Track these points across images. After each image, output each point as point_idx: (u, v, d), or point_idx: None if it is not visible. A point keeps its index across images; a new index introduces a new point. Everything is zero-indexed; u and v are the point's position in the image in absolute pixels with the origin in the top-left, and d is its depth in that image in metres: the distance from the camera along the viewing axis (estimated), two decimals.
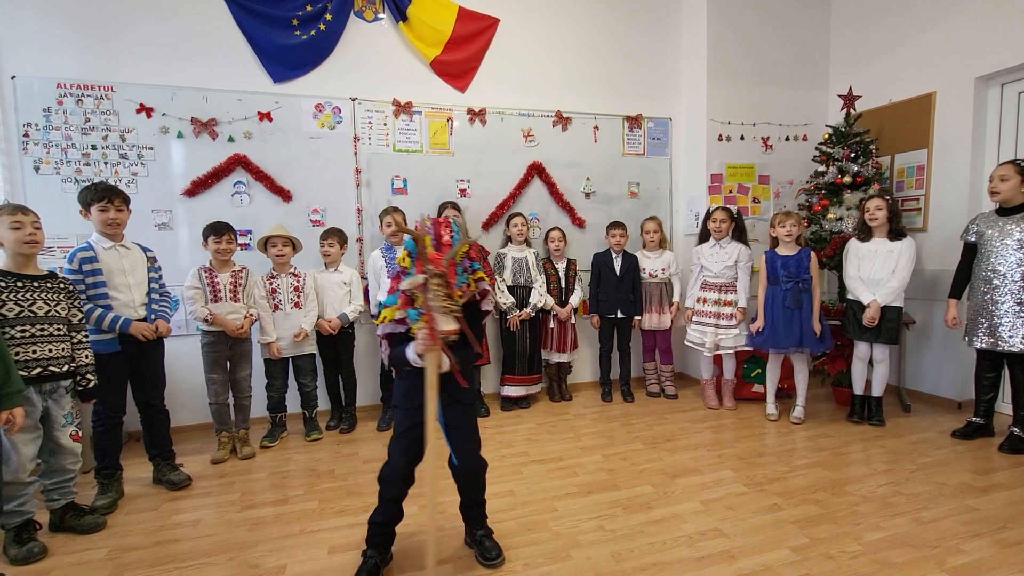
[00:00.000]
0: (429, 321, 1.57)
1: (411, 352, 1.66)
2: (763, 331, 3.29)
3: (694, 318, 3.64)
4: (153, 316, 2.52)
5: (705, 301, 3.60)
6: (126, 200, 2.49)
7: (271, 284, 3.14)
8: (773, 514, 2.21)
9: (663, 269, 3.86)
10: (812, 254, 3.29)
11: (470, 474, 1.86)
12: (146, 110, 3.25)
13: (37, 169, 3.10)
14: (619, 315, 3.81)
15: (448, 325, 1.57)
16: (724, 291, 3.57)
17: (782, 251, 3.33)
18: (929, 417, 3.38)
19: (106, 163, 3.22)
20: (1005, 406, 3.28)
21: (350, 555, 1.96)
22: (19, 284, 2.03)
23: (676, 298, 3.86)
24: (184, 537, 2.13)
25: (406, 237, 1.67)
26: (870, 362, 3.26)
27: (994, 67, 3.28)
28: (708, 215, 3.66)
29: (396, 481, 1.79)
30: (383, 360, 1.80)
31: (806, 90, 4.37)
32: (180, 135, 3.32)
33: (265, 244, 3.15)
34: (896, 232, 3.14)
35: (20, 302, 2.01)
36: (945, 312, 3.06)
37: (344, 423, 3.38)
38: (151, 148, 3.28)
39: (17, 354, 1.96)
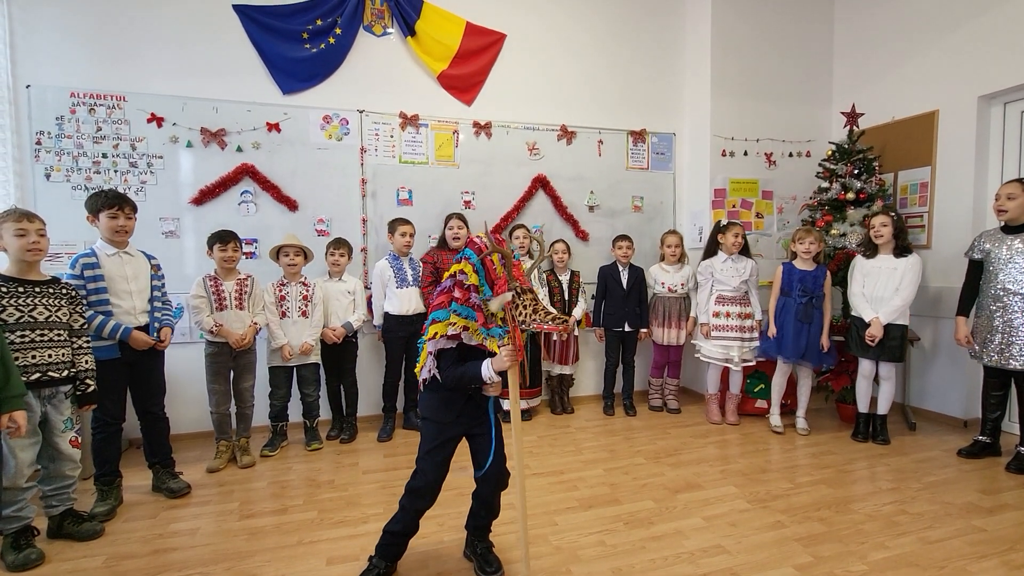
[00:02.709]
0: (517, 338, 1.61)
1: (488, 370, 1.63)
2: (774, 338, 3.34)
3: (714, 333, 3.60)
4: (157, 324, 2.53)
5: (729, 315, 3.57)
6: (135, 208, 2.52)
7: (280, 291, 3.15)
8: (777, 531, 2.18)
9: (682, 284, 3.85)
10: (828, 272, 3.35)
11: (500, 484, 1.86)
12: (157, 120, 3.30)
13: (48, 176, 3.15)
14: (626, 328, 3.80)
15: (564, 327, 1.64)
16: (743, 304, 3.56)
17: (799, 266, 3.36)
18: (934, 435, 3.34)
19: (116, 171, 3.26)
20: (1012, 425, 3.25)
21: (349, 566, 1.94)
22: (20, 289, 2.04)
23: (694, 312, 3.82)
24: (182, 546, 2.12)
25: (467, 250, 1.66)
26: (875, 379, 3.24)
27: (997, 86, 3.30)
28: (720, 230, 3.65)
29: (427, 495, 1.78)
30: (429, 377, 1.74)
31: (809, 107, 4.40)
32: (189, 144, 3.37)
33: (277, 253, 3.18)
34: (902, 249, 3.13)
35: (21, 307, 2.02)
36: (955, 331, 3.02)
37: (345, 433, 3.37)
38: (160, 157, 3.33)
39: (17, 359, 1.96)
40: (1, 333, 1.90)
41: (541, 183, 4.07)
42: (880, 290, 3.15)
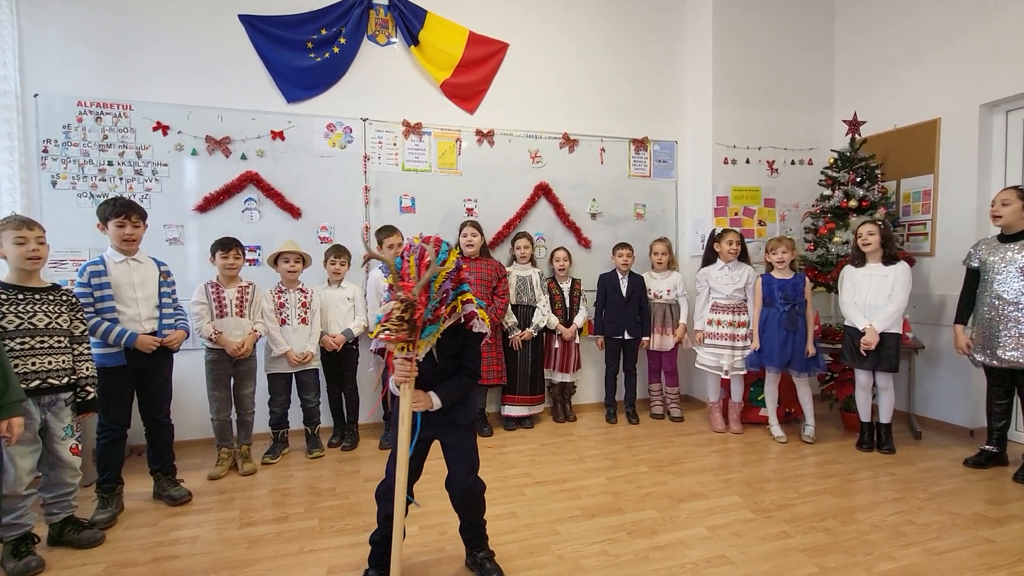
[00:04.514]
0: (411, 350, 1.57)
1: (391, 383, 1.64)
2: (759, 350, 3.36)
3: (707, 341, 3.61)
4: (168, 331, 2.54)
5: (720, 323, 3.57)
6: (143, 216, 2.53)
7: (279, 299, 3.16)
8: (781, 542, 2.16)
9: (669, 290, 3.86)
10: (807, 279, 3.37)
11: (468, 496, 1.84)
12: (162, 128, 3.33)
13: (54, 184, 3.17)
14: (626, 336, 3.80)
15: (401, 367, 1.55)
16: (736, 312, 3.56)
17: (777, 275, 3.38)
18: (940, 445, 3.32)
19: (121, 179, 3.28)
20: (1019, 434, 3.23)
21: (349, 575, 1.92)
22: (20, 296, 2.04)
23: (683, 320, 3.84)
24: (182, 554, 2.11)
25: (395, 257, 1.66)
26: (874, 388, 3.22)
27: (998, 95, 3.31)
28: (716, 237, 3.66)
29: (392, 499, 1.77)
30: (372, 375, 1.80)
31: (811, 115, 4.42)
32: (194, 152, 3.40)
33: (276, 259, 3.19)
34: (890, 257, 3.13)
35: (20, 314, 2.02)
36: (954, 339, 3.02)
37: (346, 440, 3.36)
38: (166, 165, 3.35)
39: (16, 366, 1.96)
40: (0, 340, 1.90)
41: (543, 191, 4.09)
42: (872, 298, 3.14)
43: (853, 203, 3.67)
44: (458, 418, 1.80)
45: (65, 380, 2.11)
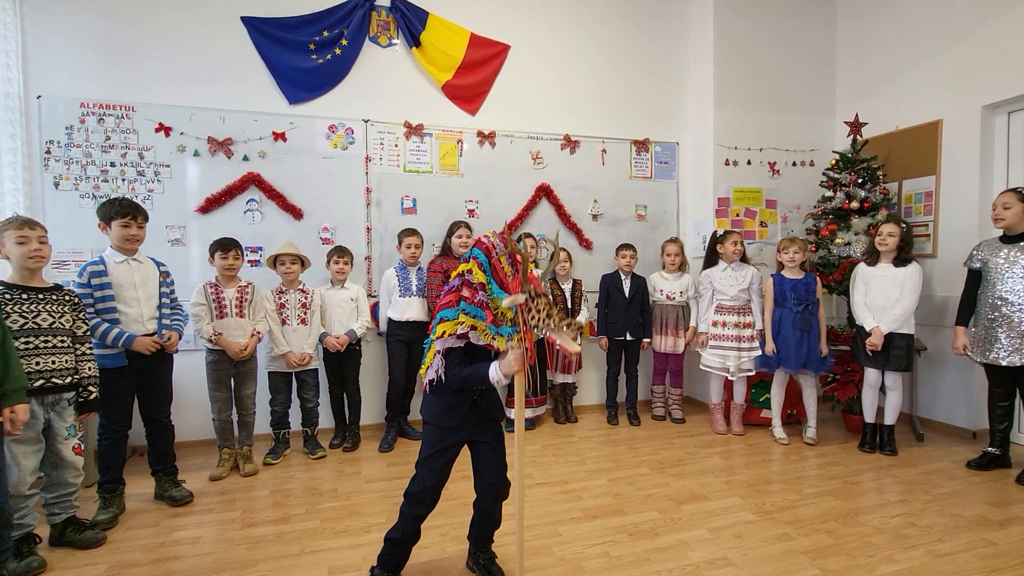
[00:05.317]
0: (527, 341, 1.57)
1: (495, 372, 1.62)
2: (775, 353, 3.33)
3: (712, 342, 3.60)
4: (165, 331, 2.54)
5: (725, 325, 3.56)
6: (146, 218, 2.54)
7: (279, 299, 3.16)
8: (783, 544, 2.15)
9: (681, 292, 3.84)
10: (817, 278, 3.36)
11: (501, 494, 1.84)
12: (165, 129, 3.34)
13: (57, 185, 3.18)
14: (628, 337, 3.79)
15: (573, 347, 1.56)
16: (741, 314, 3.55)
17: (788, 275, 3.37)
18: (943, 447, 3.31)
19: (123, 180, 3.29)
20: (1021, 436, 3.22)
21: None
22: (24, 296, 2.05)
23: (693, 322, 3.82)
24: (184, 555, 2.11)
25: (474, 249, 1.64)
26: (881, 389, 3.21)
27: (1001, 96, 3.30)
28: (719, 239, 3.65)
29: (426, 500, 1.77)
30: (439, 375, 1.70)
31: (813, 116, 4.42)
32: (196, 154, 3.40)
33: (274, 261, 3.19)
34: (902, 259, 3.13)
35: (24, 314, 2.03)
36: (954, 340, 3.02)
37: (347, 442, 3.36)
38: (168, 166, 3.36)
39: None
40: (5, 326, 1.88)
41: (545, 192, 4.09)
42: (881, 299, 3.14)
43: (855, 204, 3.67)
44: (495, 413, 1.83)
45: (68, 380, 2.12)
